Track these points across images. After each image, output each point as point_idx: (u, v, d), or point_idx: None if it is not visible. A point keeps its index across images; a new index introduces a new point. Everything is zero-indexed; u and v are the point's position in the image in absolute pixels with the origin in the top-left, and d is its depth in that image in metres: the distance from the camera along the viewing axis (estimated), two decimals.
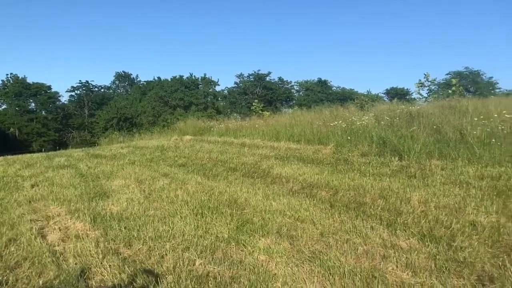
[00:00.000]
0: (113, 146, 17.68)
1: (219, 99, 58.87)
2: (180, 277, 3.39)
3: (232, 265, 3.62)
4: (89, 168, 9.69)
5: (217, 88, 58.95)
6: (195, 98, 50.06)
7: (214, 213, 5.19)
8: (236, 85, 63.48)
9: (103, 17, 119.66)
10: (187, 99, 49.29)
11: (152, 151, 12.92)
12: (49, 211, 5.68)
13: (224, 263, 3.66)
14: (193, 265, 3.65)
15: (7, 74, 57.86)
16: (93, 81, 68.19)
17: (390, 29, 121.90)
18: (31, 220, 5.24)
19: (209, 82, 56.54)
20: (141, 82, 67.79)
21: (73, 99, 64.04)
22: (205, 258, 3.77)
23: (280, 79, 64.96)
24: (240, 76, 62.47)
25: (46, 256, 3.93)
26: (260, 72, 60.45)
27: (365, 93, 58.68)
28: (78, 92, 63.55)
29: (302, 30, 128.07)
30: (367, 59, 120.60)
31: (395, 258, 3.59)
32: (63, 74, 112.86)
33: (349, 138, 10.66)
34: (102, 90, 67.24)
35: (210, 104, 51.92)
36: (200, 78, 56.68)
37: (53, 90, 59.36)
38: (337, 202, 5.52)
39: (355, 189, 6.20)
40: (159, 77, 59.30)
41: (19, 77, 57.45)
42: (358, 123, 11.73)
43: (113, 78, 72.23)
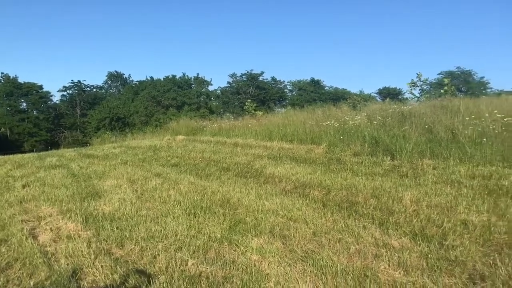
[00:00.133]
0: (105, 146, 17.58)
1: (212, 98, 58.86)
2: (173, 277, 3.38)
3: (225, 265, 3.61)
4: (81, 168, 9.64)
5: (210, 88, 59.09)
6: (188, 98, 49.99)
7: (207, 213, 5.18)
8: (229, 85, 63.52)
9: (96, 17, 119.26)
10: (180, 98, 49.19)
11: (144, 151, 12.86)
12: (40, 212, 5.63)
13: (217, 263, 3.65)
14: (185, 265, 3.64)
15: None
16: (85, 80, 68.15)
17: (383, 29, 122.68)
18: (22, 220, 5.20)
19: (202, 82, 56.54)
20: (134, 82, 67.69)
21: (65, 99, 63.70)
22: (197, 258, 3.76)
23: (273, 78, 65.11)
24: (233, 75, 62.51)
25: (38, 257, 3.90)
26: (253, 72, 60.51)
27: (357, 93, 59.08)
28: (70, 92, 63.25)
29: (295, 30, 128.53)
30: (360, 59, 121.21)
31: (387, 257, 3.61)
32: (54, 74, 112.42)
33: (341, 137, 10.68)
34: (94, 90, 66.96)
35: (203, 103, 51.89)
36: (193, 77, 56.71)
37: (44, 90, 59.09)
38: (329, 202, 5.53)
39: (347, 188, 6.22)
40: (151, 77, 59.34)
41: (10, 76, 57.09)
42: (351, 122, 11.75)
43: (106, 78, 72.06)
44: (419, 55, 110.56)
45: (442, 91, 15.51)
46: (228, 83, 63.68)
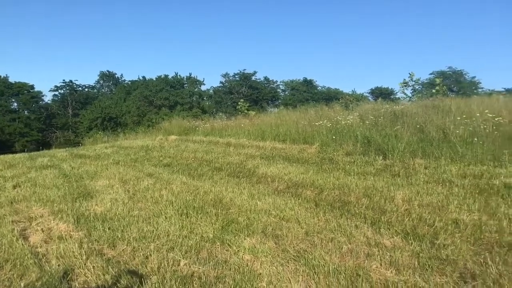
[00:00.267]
0: (97, 146, 17.52)
1: (204, 98, 58.65)
2: (165, 277, 3.37)
3: (217, 265, 3.61)
4: (72, 168, 9.58)
5: (203, 88, 58.85)
6: (181, 97, 49.78)
7: (199, 213, 5.17)
8: (221, 85, 63.34)
9: (89, 16, 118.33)
10: (172, 98, 48.98)
11: (136, 151, 12.82)
12: (31, 212, 5.59)
13: (209, 263, 3.64)
14: (177, 265, 3.63)
15: None
16: (77, 80, 67.28)
17: (376, 29, 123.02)
18: (12, 221, 5.16)
19: (194, 82, 56.33)
20: (126, 82, 67.20)
21: (56, 98, 63.08)
22: (190, 258, 3.75)
23: (266, 78, 65.01)
24: (225, 75, 62.35)
25: (28, 258, 3.87)
26: (245, 72, 60.38)
27: (350, 92, 59.11)
28: (62, 91, 62.62)
29: (288, 30, 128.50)
30: (352, 59, 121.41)
31: (379, 256, 3.62)
32: (46, 74, 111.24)
33: (334, 137, 10.71)
34: (86, 90, 66.38)
35: (196, 103, 51.69)
36: (186, 77, 56.44)
37: (36, 90, 58.50)
38: (322, 201, 5.54)
39: (339, 188, 6.23)
40: (144, 77, 58.94)
41: (0, 76, 56.48)
42: (343, 122, 11.79)
43: (98, 77, 71.52)
44: (412, 55, 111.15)
45: (433, 91, 15.63)
46: (221, 82, 63.60)
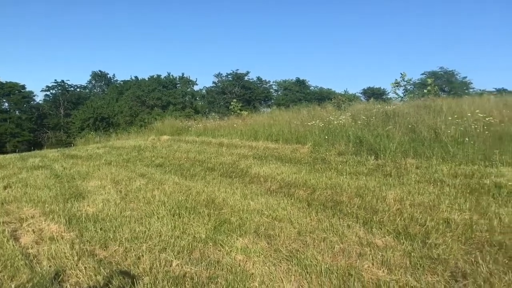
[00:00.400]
0: (89, 146, 17.41)
1: (197, 98, 58.43)
2: (157, 278, 3.36)
3: (210, 265, 3.60)
4: (64, 168, 9.52)
5: (195, 88, 58.60)
6: (173, 97, 49.58)
7: (192, 213, 5.16)
8: (214, 85, 63.19)
9: (81, 17, 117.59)
10: (164, 98, 48.77)
11: (129, 151, 12.77)
12: (22, 213, 5.55)
13: (202, 263, 3.64)
14: (170, 266, 3.62)
15: None
16: (68, 80, 66.66)
17: (368, 30, 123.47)
18: (3, 222, 5.12)
19: (187, 82, 56.08)
20: (118, 82, 66.79)
21: (48, 98, 62.59)
22: (182, 259, 3.74)
23: (259, 78, 64.92)
24: (218, 75, 62.17)
25: (19, 259, 3.84)
26: (238, 72, 60.27)
27: (342, 92, 59.14)
28: (54, 91, 62.16)
29: (281, 30, 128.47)
30: (344, 59, 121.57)
31: (371, 256, 3.64)
32: (37, 74, 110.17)
33: (326, 137, 10.75)
34: (78, 90, 65.94)
35: (188, 103, 51.50)
36: (178, 77, 56.19)
37: (27, 90, 58.03)
38: (314, 201, 5.56)
39: (332, 188, 6.25)
40: (136, 77, 58.52)
41: None
42: (335, 122, 11.84)
43: (90, 77, 71.07)
44: (403, 55, 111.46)
45: (425, 91, 15.74)
46: (214, 83, 63.41)
